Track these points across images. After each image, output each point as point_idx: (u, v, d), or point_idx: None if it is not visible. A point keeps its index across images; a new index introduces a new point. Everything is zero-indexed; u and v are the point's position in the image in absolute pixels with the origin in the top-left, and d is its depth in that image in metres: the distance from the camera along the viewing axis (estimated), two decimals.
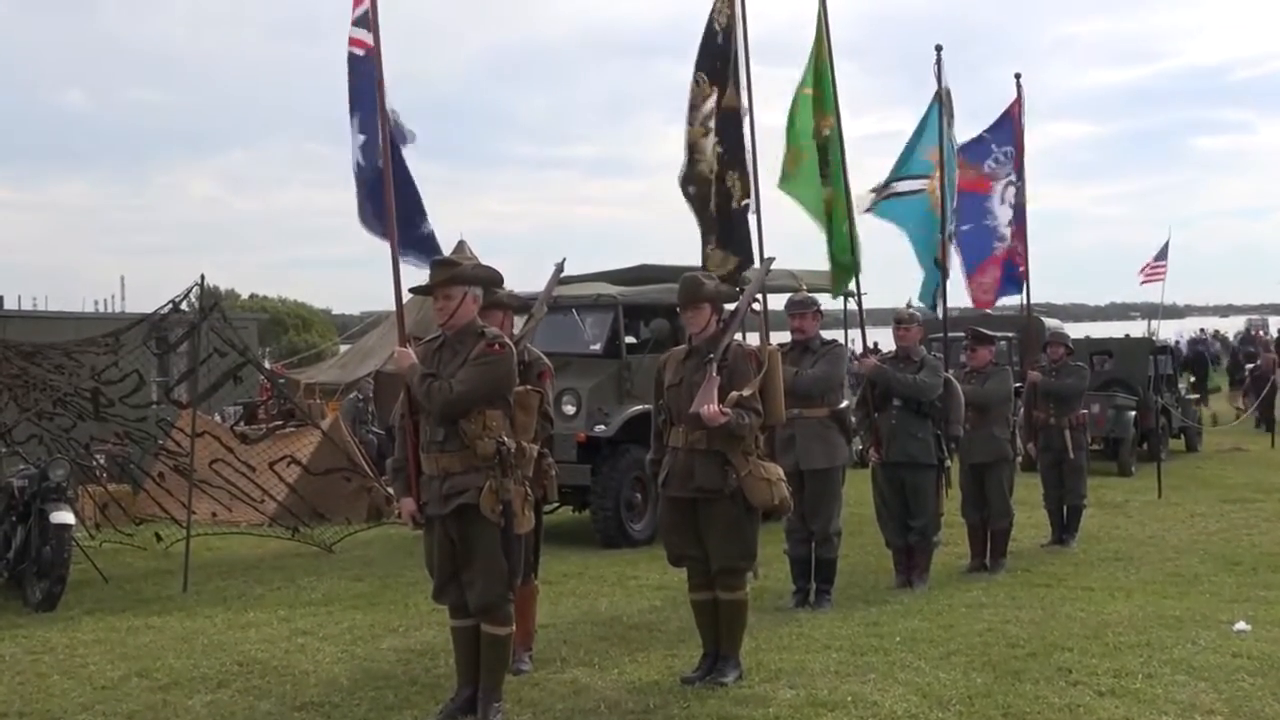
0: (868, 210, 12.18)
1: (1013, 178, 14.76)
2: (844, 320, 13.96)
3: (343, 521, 13.30)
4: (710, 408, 6.70)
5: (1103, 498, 15.66)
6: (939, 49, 12.37)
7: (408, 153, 7.98)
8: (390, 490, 14.11)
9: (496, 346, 6.17)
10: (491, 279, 6.63)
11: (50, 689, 7.28)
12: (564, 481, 13.08)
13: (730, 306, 7.36)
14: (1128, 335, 29.12)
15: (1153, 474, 16.45)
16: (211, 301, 11.94)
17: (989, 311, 17.21)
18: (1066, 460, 12.50)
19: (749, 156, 9.57)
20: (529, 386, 6.58)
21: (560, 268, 8.23)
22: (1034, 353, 22.67)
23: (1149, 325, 36.81)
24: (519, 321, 7.97)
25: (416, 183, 8.02)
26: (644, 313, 13.94)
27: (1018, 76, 14.66)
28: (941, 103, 12.13)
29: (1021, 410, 12.88)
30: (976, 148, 14.61)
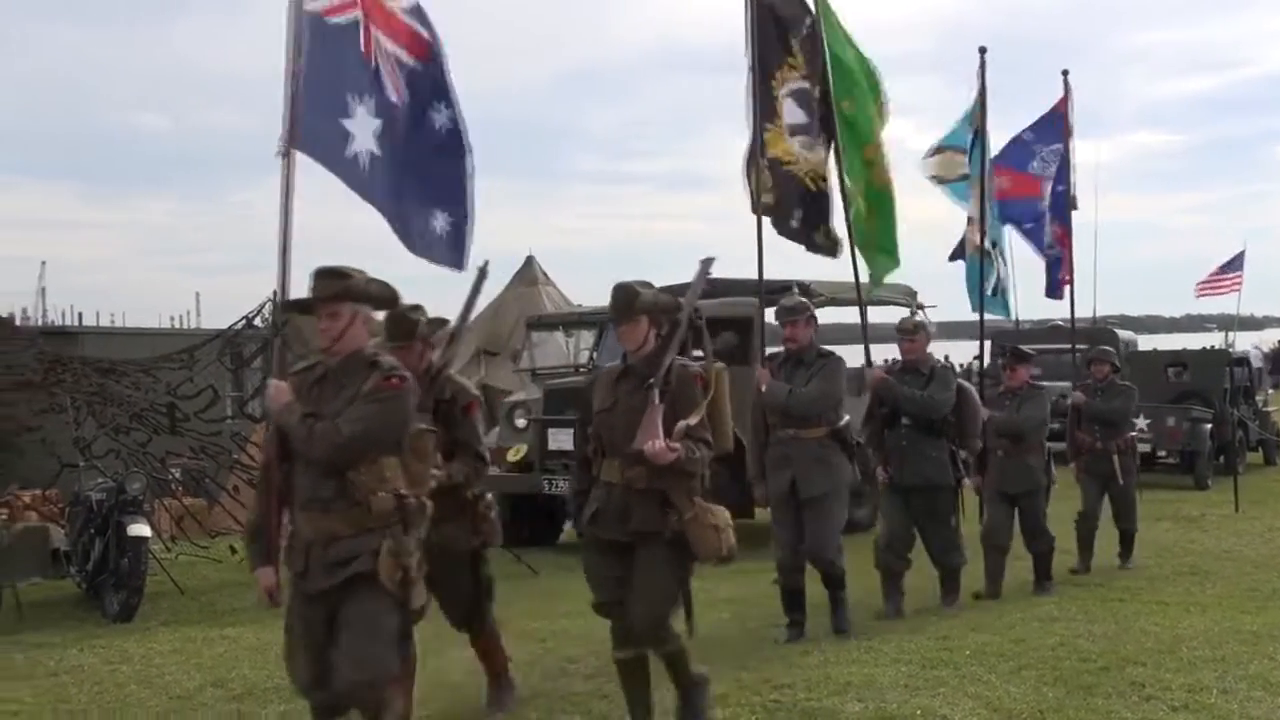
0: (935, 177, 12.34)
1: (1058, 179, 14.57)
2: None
3: None
4: (656, 443, 5.72)
5: (1179, 511, 15.49)
6: (983, 51, 12.33)
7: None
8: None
9: (394, 379, 5.06)
10: (386, 297, 5.40)
11: (127, 698, 7.42)
12: None
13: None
14: (1212, 347, 28.80)
15: (1229, 487, 16.21)
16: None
17: (1059, 323, 17.08)
18: (1114, 486, 11.61)
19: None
20: (424, 427, 5.44)
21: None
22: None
23: (1226, 337, 36.35)
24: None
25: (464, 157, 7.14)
26: (710, 325, 13.92)
27: (1065, 74, 14.45)
28: (982, 105, 12.13)
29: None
30: (1017, 151, 14.48)
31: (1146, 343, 30.06)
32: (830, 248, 10.57)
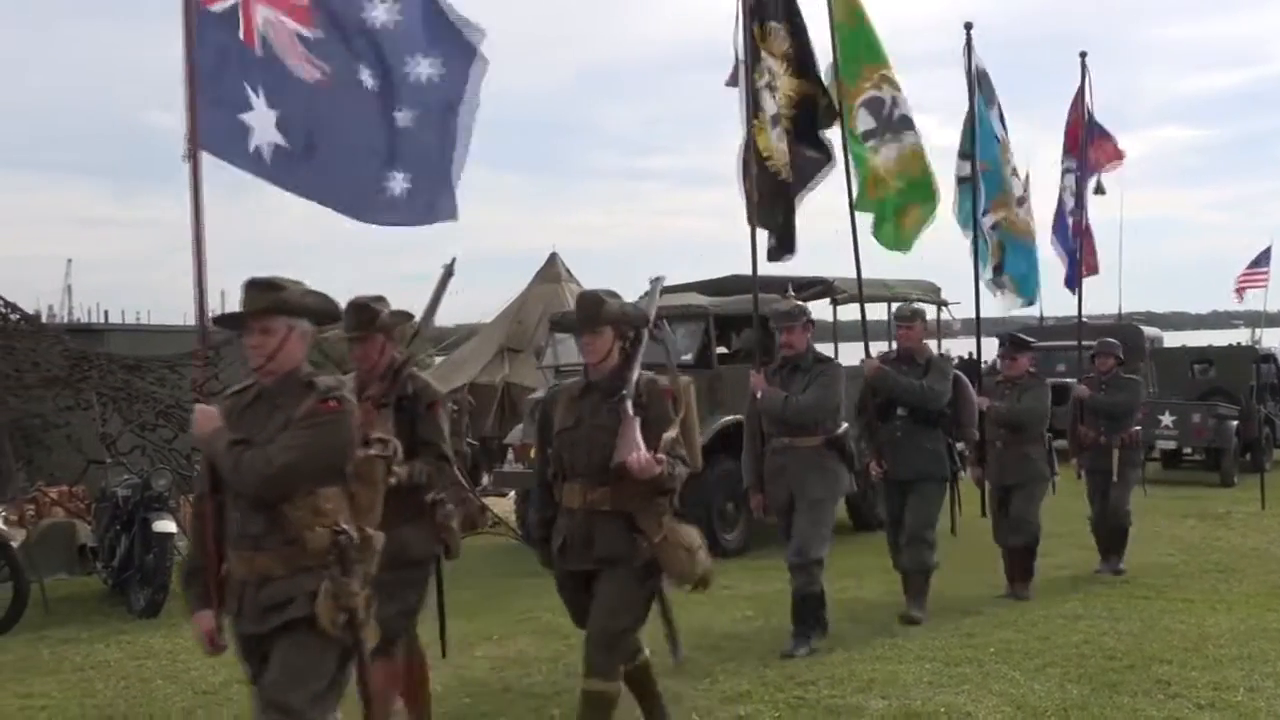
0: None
1: (1072, 164, 14.44)
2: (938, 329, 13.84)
3: None
4: (640, 455, 5.35)
5: (1204, 509, 15.43)
6: (968, 27, 12.21)
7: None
8: (483, 501, 14.32)
9: (331, 402, 4.52)
10: (326, 310, 4.88)
11: (153, 693, 7.46)
12: None
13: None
14: (1237, 344, 28.66)
15: (1256, 485, 16.09)
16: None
17: (1085, 320, 17.00)
18: (1112, 483, 11.11)
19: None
20: (374, 451, 4.80)
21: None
22: (1132, 364, 22.45)
23: (1253, 334, 36.16)
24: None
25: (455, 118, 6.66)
26: (735, 323, 13.96)
27: (1083, 55, 14.26)
28: (978, 84, 12.00)
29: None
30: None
31: (1172, 340, 29.95)
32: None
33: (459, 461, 16.23)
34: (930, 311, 15.80)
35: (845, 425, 8.35)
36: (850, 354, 10.75)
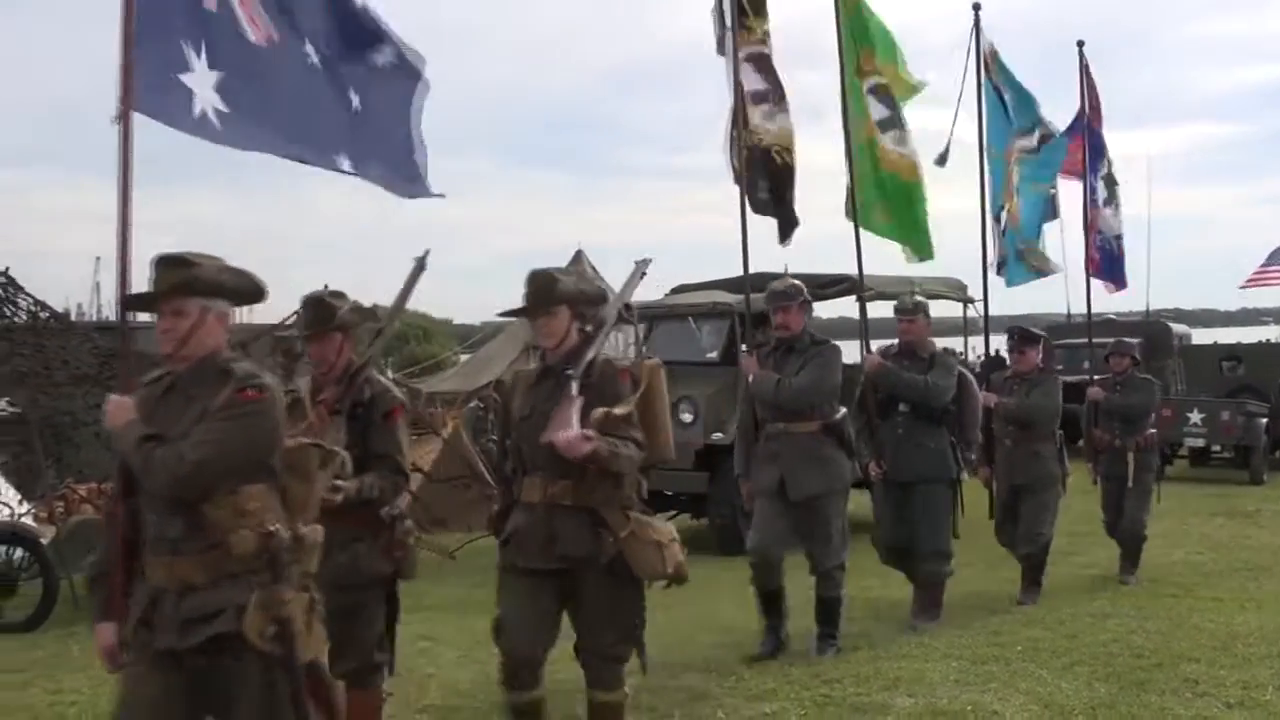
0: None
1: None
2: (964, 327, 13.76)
3: (463, 528, 13.46)
4: (568, 433, 4.97)
5: (1234, 506, 15.36)
6: (976, 8, 12.00)
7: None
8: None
9: (250, 391, 4.05)
10: (245, 289, 4.32)
11: None
12: (681, 489, 13.26)
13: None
14: (1268, 341, 28.50)
15: None
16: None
17: (1113, 317, 16.94)
18: (1128, 488, 10.61)
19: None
20: (308, 439, 4.39)
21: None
22: (1160, 361, 22.34)
23: None
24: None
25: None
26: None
27: (1080, 45, 13.98)
28: (986, 65, 11.80)
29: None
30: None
31: (1201, 337, 29.79)
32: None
33: (484, 459, 16.32)
34: (956, 309, 15.82)
35: (844, 411, 7.87)
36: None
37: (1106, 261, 14.66)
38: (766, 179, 9.79)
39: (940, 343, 9.97)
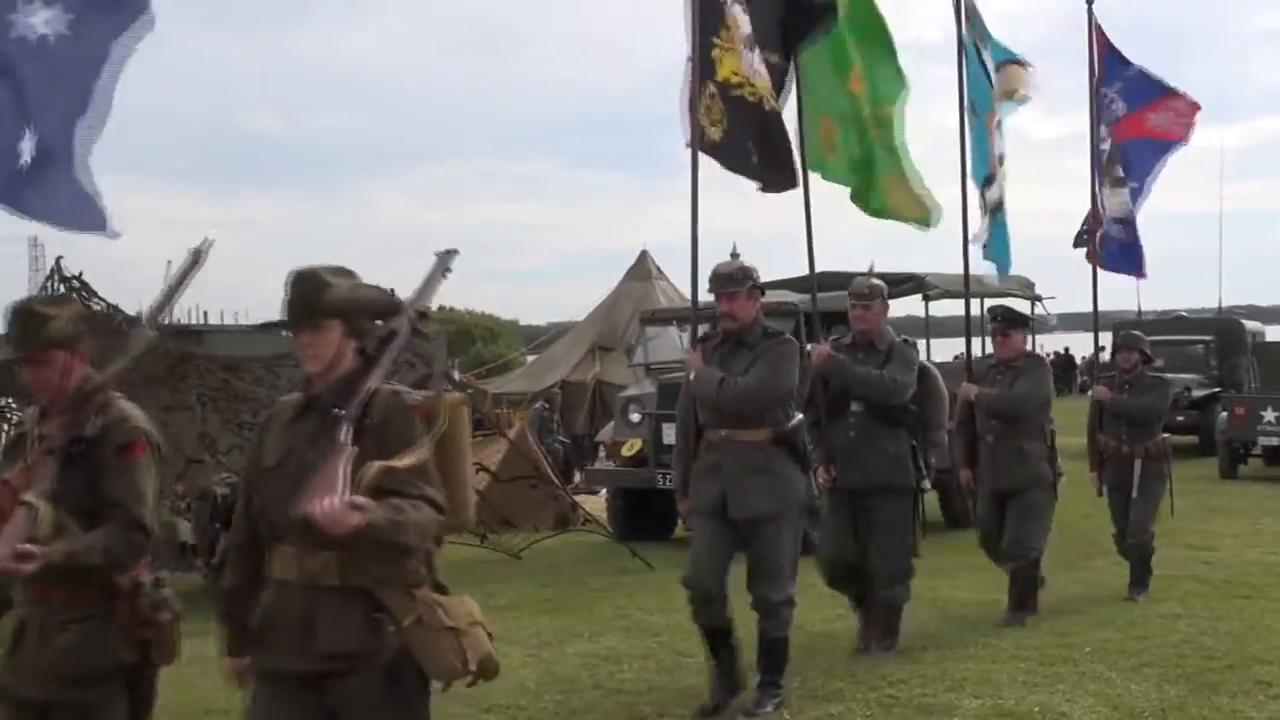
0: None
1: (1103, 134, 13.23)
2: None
3: (529, 528, 13.55)
4: (329, 502, 3.45)
5: None
6: None
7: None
8: (574, 499, 14.40)
9: None
10: None
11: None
12: None
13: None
14: None
15: None
16: None
17: (1184, 313, 16.70)
18: (1132, 498, 9.52)
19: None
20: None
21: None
22: (1233, 359, 22.01)
23: None
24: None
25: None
26: (825, 320, 13.90)
27: (1089, 1, 13.12)
28: (969, 17, 10.63)
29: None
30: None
31: (1276, 334, 29.32)
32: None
33: (549, 460, 16.38)
34: (1024, 307, 15.67)
35: (799, 418, 6.71)
36: (944, 350, 10.51)
37: (1113, 249, 13.54)
38: (757, 139, 7.98)
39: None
